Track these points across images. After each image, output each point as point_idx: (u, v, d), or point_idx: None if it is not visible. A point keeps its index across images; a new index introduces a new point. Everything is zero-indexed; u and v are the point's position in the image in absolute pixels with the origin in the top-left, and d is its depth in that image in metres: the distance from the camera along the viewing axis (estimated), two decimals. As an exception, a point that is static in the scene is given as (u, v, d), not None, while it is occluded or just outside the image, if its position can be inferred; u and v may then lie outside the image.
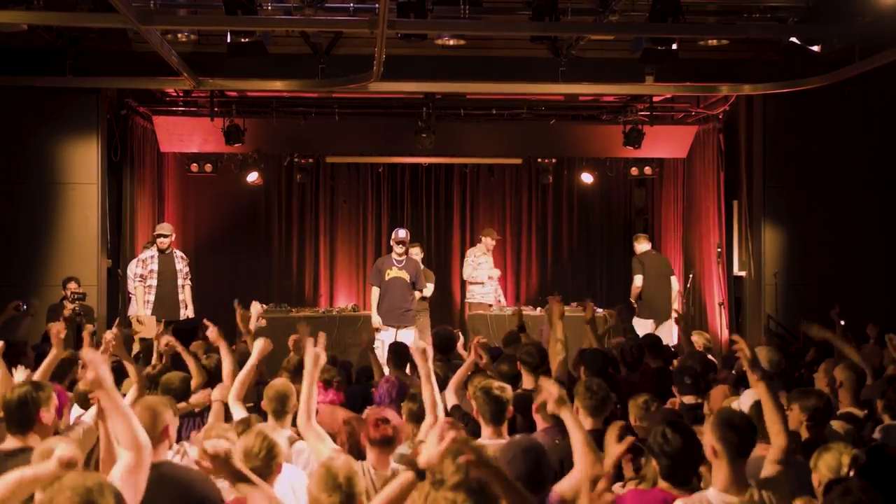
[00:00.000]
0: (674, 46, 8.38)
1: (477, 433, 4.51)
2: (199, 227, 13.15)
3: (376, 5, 7.18)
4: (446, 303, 13.74)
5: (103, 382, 3.20)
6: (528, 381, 5.77)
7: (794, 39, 8.97)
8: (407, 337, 10.46)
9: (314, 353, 4.35)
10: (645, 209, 14.06)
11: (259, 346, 5.26)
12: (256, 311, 7.18)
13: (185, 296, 10.38)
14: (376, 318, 10.52)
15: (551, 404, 3.72)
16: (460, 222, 13.97)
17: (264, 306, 10.93)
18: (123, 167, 11.25)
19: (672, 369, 7.26)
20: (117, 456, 3.40)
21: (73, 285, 9.66)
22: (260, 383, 6.05)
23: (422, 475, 2.87)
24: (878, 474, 3.57)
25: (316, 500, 3.13)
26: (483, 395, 4.46)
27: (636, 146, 11.92)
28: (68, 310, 9.13)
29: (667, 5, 7.61)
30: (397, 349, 7.03)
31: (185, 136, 12.10)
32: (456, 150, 12.91)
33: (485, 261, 11.97)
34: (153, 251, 10.27)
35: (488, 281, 11.90)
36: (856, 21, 8.08)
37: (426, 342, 5.15)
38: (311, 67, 9.68)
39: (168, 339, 6.58)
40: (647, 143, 11.99)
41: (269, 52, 8.43)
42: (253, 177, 12.79)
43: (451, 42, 8.92)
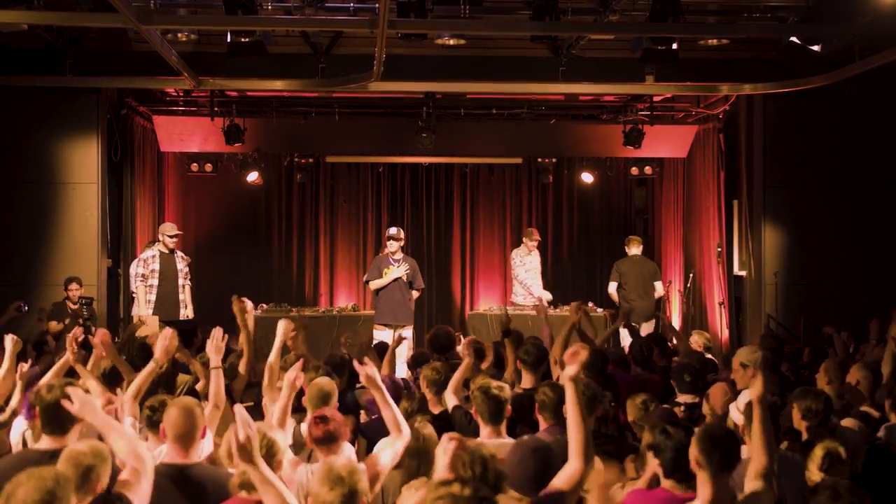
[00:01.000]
0: (674, 46, 8.39)
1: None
2: (199, 227, 13.15)
3: (376, 5, 7.18)
4: (446, 303, 13.75)
5: (89, 409, 3.57)
6: (527, 380, 5.77)
7: (794, 39, 8.96)
8: (405, 336, 10.46)
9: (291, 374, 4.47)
10: (645, 209, 14.06)
11: (283, 328, 5.45)
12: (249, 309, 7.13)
13: (185, 296, 10.37)
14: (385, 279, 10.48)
15: (572, 367, 3.53)
16: (460, 222, 13.97)
17: (263, 306, 10.97)
18: (123, 167, 11.25)
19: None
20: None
21: (74, 286, 9.65)
22: (252, 384, 6.05)
23: None
24: (880, 473, 3.57)
25: (318, 496, 3.13)
26: (482, 394, 4.47)
27: (636, 146, 11.92)
28: (81, 319, 9.08)
29: (667, 5, 7.62)
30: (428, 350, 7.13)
31: (185, 135, 12.10)
32: (456, 149, 12.90)
33: (529, 260, 11.68)
34: (155, 251, 10.24)
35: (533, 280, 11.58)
36: (856, 21, 8.08)
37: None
38: (311, 67, 9.69)
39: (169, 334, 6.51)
40: (647, 142, 11.99)
41: (269, 51, 8.43)
42: (253, 177, 12.79)
43: (451, 42, 8.92)
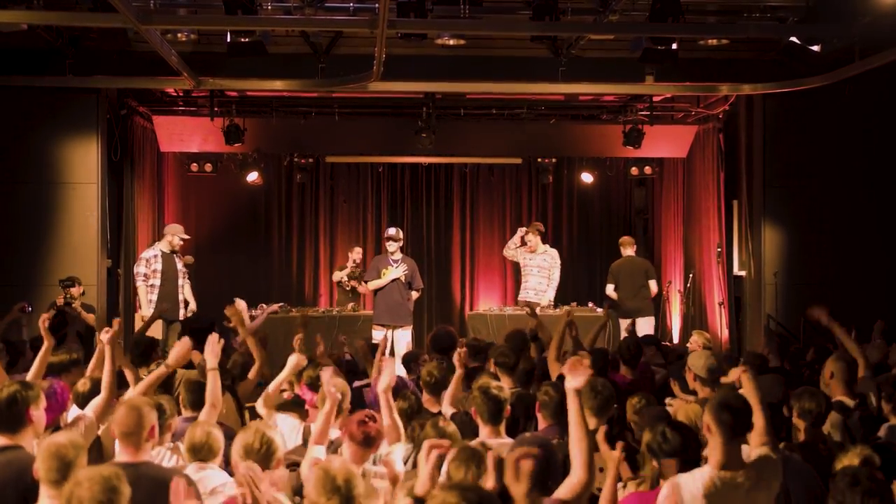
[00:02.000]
0: (674, 46, 8.39)
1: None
2: (199, 227, 13.15)
3: (376, 5, 7.18)
4: (446, 303, 13.76)
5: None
6: (504, 382, 5.76)
7: (794, 39, 8.97)
8: (403, 337, 10.46)
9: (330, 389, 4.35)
10: (645, 209, 14.06)
11: (293, 363, 5.30)
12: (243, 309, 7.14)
13: (184, 294, 10.40)
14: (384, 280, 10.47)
15: (576, 379, 3.50)
16: (460, 222, 13.97)
17: (263, 306, 10.97)
18: (123, 167, 11.25)
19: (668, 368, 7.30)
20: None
21: (74, 291, 9.62)
22: (260, 384, 6.06)
23: (419, 501, 3.00)
24: (884, 472, 3.59)
25: (314, 503, 3.13)
26: (481, 394, 4.48)
27: (636, 146, 11.92)
28: (60, 300, 9.09)
29: (667, 5, 7.61)
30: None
31: (185, 135, 12.10)
32: (456, 149, 12.90)
33: (528, 256, 11.30)
34: (156, 250, 10.26)
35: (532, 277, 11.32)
36: (856, 21, 8.08)
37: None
38: (311, 67, 9.69)
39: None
40: (647, 142, 11.99)
41: (269, 51, 8.43)
42: (253, 177, 12.80)
43: (451, 42, 8.93)
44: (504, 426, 4.51)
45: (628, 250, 11.43)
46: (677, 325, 12.60)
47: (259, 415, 5.36)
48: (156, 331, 10.74)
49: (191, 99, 12.11)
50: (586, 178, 13.32)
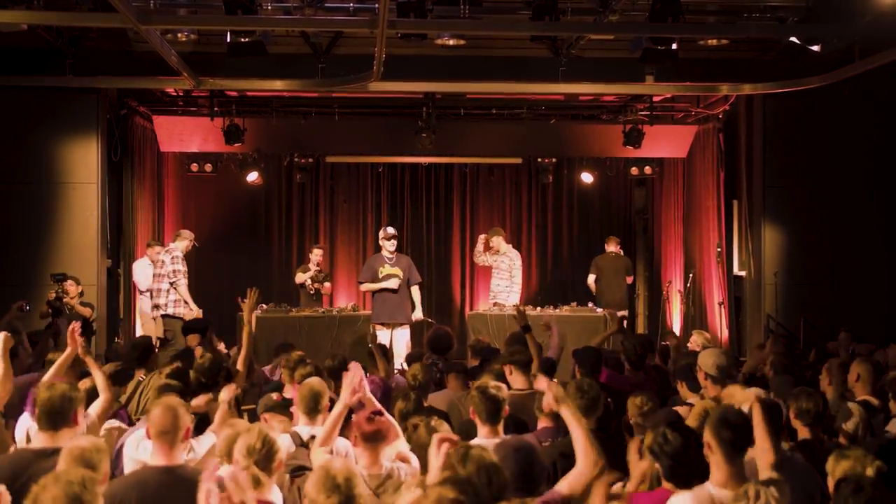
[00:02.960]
0: (674, 46, 8.38)
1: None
2: (199, 226, 13.11)
3: (376, 5, 7.18)
4: (446, 303, 13.75)
5: None
6: (518, 380, 5.78)
7: (794, 39, 8.96)
8: (402, 336, 10.49)
9: (352, 381, 4.16)
10: (645, 209, 14.06)
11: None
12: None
13: (177, 295, 10.48)
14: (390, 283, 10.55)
15: (550, 401, 3.82)
16: (460, 222, 13.97)
17: (263, 306, 10.97)
18: (123, 167, 11.25)
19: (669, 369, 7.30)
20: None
21: (70, 284, 9.62)
22: (255, 385, 6.06)
23: None
24: (891, 468, 3.58)
25: (314, 502, 3.12)
26: (479, 394, 4.48)
27: (636, 146, 11.92)
28: (52, 295, 9.06)
29: (667, 5, 7.61)
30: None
31: (185, 135, 12.10)
32: (456, 149, 12.90)
33: (493, 258, 11.68)
34: (179, 251, 10.38)
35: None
36: (856, 21, 8.08)
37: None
38: (311, 67, 9.69)
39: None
40: (647, 142, 11.99)
41: (269, 51, 8.43)
42: (253, 177, 12.80)
43: (451, 42, 8.93)
44: (502, 426, 4.50)
45: (612, 247, 12.04)
46: (677, 325, 12.60)
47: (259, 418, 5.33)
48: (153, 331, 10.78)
49: (191, 99, 12.11)
50: (586, 178, 13.33)
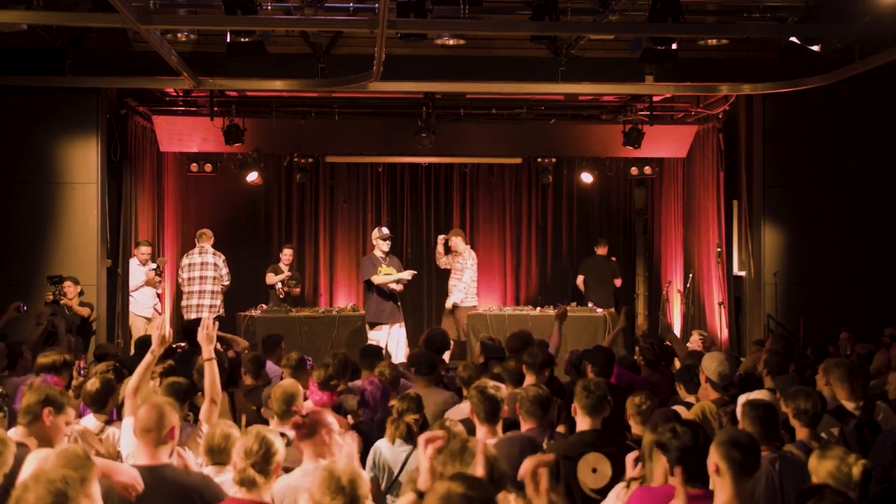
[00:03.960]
0: (674, 46, 8.37)
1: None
2: (199, 226, 13.09)
3: (376, 5, 7.18)
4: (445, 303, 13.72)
5: None
6: (531, 380, 5.80)
7: (793, 39, 8.96)
8: (399, 334, 10.60)
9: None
10: (645, 209, 14.06)
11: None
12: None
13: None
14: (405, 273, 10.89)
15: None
16: (460, 222, 13.96)
17: (263, 306, 10.97)
18: (123, 167, 11.22)
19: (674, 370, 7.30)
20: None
21: (69, 285, 9.61)
22: (256, 388, 6.06)
23: (422, 495, 2.97)
24: None
25: (319, 503, 3.13)
26: (478, 394, 4.48)
27: (636, 146, 11.91)
28: (49, 297, 9.03)
29: (667, 5, 7.61)
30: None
31: (185, 135, 12.09)
32: (456, 150, 12.90)
33: (453, 261, 11.94)
34: None
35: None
36: (856, 21, 8.07)
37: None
38: (311, 67, 9.68)
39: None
40: (646, 142, 11.99)
41: (268, 51, 8.42)
42: (253, 177, 12.80)
43: (451, 42, 8.92)
44: (501, 426, 4.51)
45: (601, 250, 12.85)
46: (677, 325, 12.60)
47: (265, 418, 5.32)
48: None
49: (191, 99, 12.11)
50: (586, 178, 13.33)
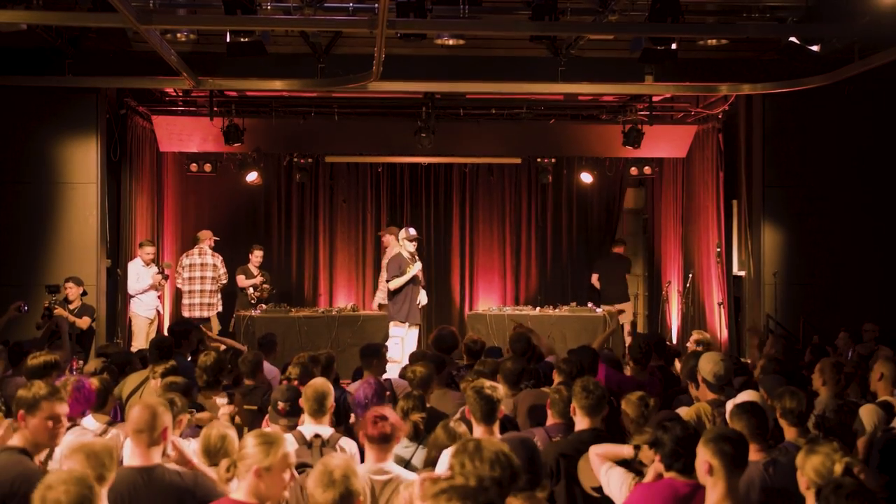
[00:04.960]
0: (673, 46, 8.37)
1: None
2: (199, 226, 13.11)
3: (376, 5, 7.17)
4: (446, 303, 13.76)
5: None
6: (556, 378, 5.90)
7: (793, 39, 8.96)
8: (415, 335, 10.52)
9: None
10: (644, 209, 14.06)
11: None
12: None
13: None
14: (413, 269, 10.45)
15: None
16: (460, 222, 13.98)
17: (263, 306, 10.98)
18: (123, 167, 11.23)
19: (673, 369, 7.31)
20: None
21: (70, 285, 9.60)
22: (256, 388, 6.05)
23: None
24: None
25: (312, 496, 3.15)
26: (475, 394, 4.49)
27: (635, 146, 11.92)
28: (47, 301, 9.01)
29: (666, 5, 7.60)
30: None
31: (185, 135, 12.10)
32: (455, 149, 12.91)
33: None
34: None
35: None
36: (855, 21, 8.07)
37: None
38: (311, 67, 9.68)
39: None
40: (646, 142, 11.99)
41: (268, 51, 8.42)
42: (252, 176, 12.81)
43: (451, 42, 8.92)
44: (498, 426, 4.52)
45: (618, 249, 12.97)
46: (676, 325, 12.61)
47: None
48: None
49: (190, 99, 12.11)
50: (585, 178, 13.34)
